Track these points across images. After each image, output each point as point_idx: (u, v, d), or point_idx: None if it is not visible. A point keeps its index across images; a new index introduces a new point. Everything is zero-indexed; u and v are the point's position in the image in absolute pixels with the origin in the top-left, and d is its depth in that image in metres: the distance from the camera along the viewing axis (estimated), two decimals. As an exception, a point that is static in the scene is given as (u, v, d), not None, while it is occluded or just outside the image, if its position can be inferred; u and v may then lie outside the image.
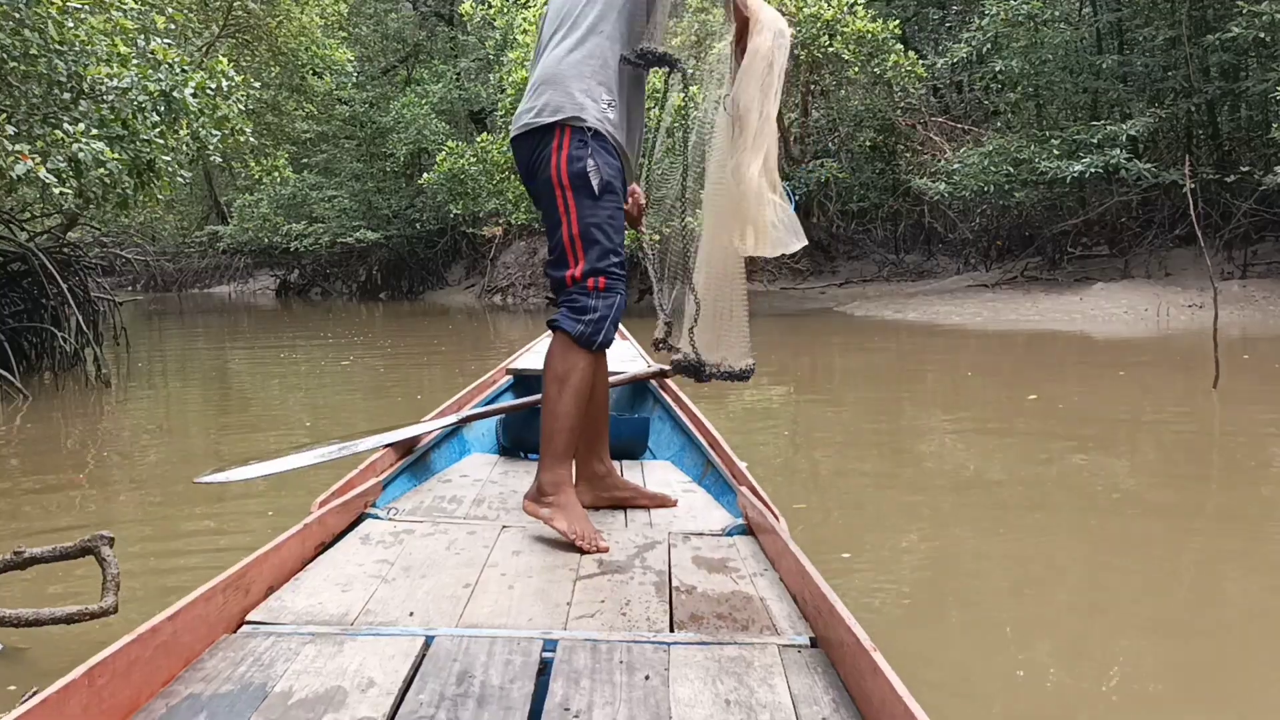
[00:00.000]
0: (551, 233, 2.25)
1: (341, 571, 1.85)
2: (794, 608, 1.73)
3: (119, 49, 6.73)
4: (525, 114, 2.26)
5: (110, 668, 1.26)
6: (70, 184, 6.39)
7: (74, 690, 1.20)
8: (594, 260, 2.19)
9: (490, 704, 1.32)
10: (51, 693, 1.17)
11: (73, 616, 2.29)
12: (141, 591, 2.96)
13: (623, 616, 1.68)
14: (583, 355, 2.20)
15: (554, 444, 2.21)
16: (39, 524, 3.92)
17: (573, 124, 2.18)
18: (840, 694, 1.38)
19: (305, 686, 1.36)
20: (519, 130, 2.27)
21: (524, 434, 3.14)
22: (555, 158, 2.18)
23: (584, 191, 2.18)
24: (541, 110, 2.21)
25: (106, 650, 1.26)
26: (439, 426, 2.92)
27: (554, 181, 2.19)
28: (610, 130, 2.22)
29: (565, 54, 2.24)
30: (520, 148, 2.29)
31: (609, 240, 2.21)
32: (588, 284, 2.19)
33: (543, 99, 2.22)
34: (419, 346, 11.78)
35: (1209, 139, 15.43)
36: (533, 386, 3.60)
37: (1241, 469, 4.69)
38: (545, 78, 2.24)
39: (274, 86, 16.23)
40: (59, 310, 8.49)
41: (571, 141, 2.18)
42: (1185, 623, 2.84)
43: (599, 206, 2.20)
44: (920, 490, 4.35)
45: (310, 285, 26.06)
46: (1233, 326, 10.78)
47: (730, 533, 2.20)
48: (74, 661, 1.26)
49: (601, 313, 2.19)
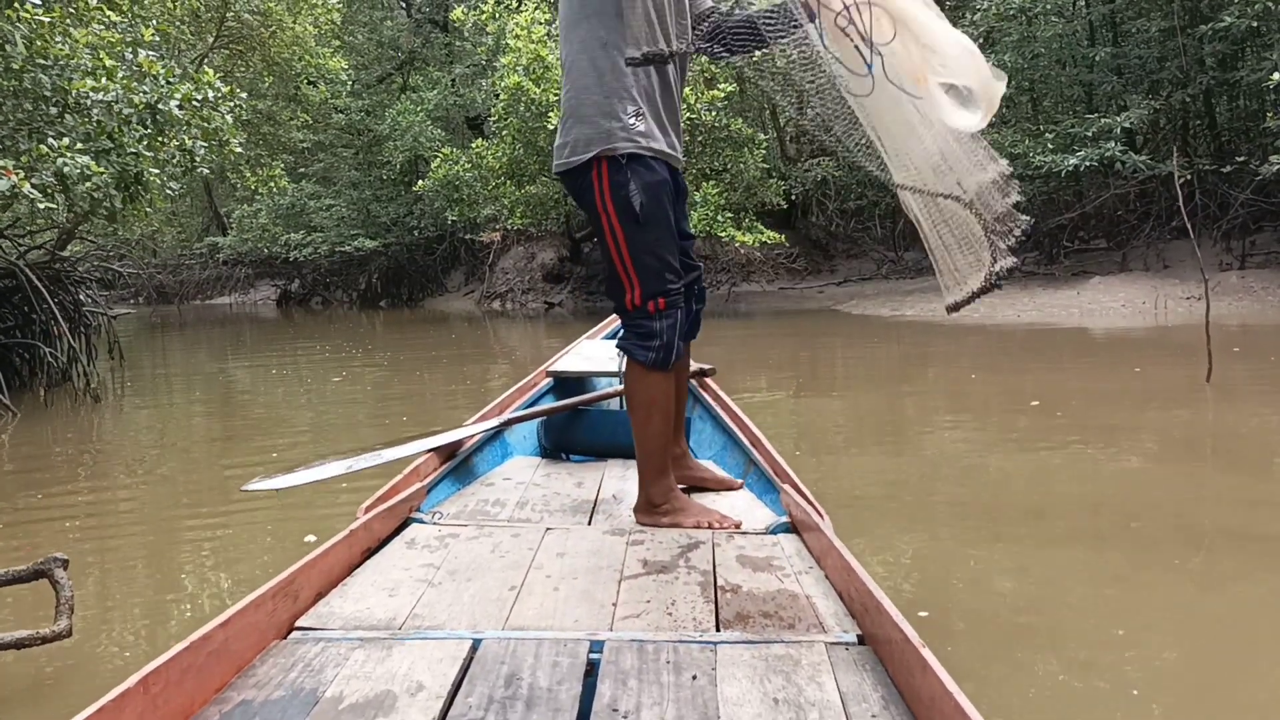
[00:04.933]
0: (604, 257, 2.30)
1: (388, 576, 1.87)
2: (840, 605, 1.72)
3: (104, 62, 6.71)
4: (560, 150, 2.30)
5: (164, 675, 1.28)
6: (57, 199, 6.39)
7: (130, 698, 1.22)
8: (650, 284, 2.24)
9: (539, 706, 1.33)
10: (108, 700, 1.19)
11: (23, 641, 2.25)
12: (94, 613, 2.94)
13: (669, 616, 1.68)
14: (660, 376, 2.27)
15: (653, 462, 2.30)
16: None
17: (605, 156, 2.20)
18: (889, 691, 1.38)
19: (355, 691, 1.38)
20: (557, 170, 2.32)
21: (565, 436, 3.16)
22: (597, 189, 2.22)
23: (629, 218, 2.22)
24: (574, 148, 2.24)
25: (160, 658, 1.28)
26: (481, 430, 2.93)
27: (599, 210, 2.24)
28: (644, 145, 2.23)
29: (574, 78, 2.25)
30: (564, 182, 2.35)
31: (660, 260, 2.25)
32: (648, 308, 2.25)
33: (571, 135, 2.25)
34: (423, 356, 11.77)
35: (1206, 129, 15.37)
36: (572, 388, 3.61)
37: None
38: (568, 111, 2.28)
39: (269, 97, 16.25)
40: (49, 326, 8.49)
41: (610, 171, 2.21)
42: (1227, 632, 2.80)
43: (645, 231, 2.23)
44: (923, 489, 4.32)
45: (311, 295, 26.08)
46: (1231, 317, 10.73)
47: (774, 531, 2.19)
48: (26, 688, 1.25)
49: (667, 335, 2.26)
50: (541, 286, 20.28)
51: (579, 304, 18.97)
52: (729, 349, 10.14)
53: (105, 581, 3.43)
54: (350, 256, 22.72)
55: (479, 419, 3.03)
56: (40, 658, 2.49)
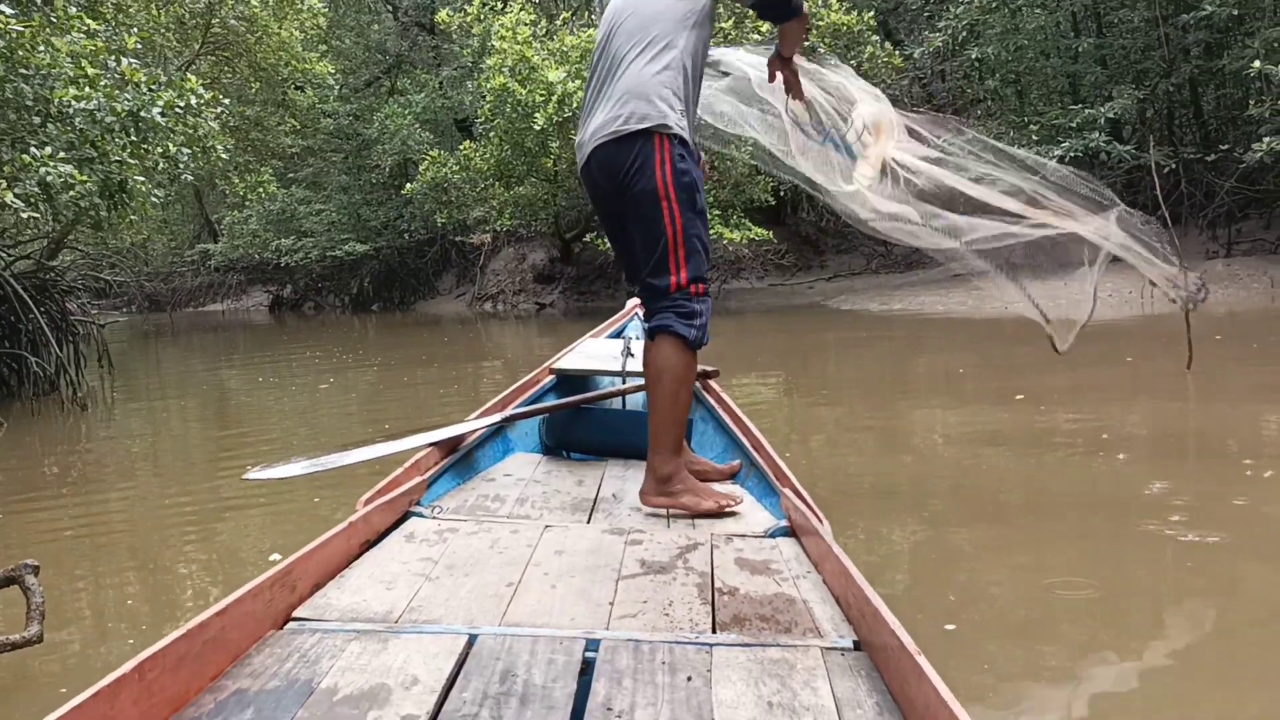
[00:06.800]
0: (651, 241, 2.38)
1: (386, 569, 1.87)
2: (837, 610, 1.72)
3: (86, 70, 6.71)
4: (611, 122, 2.38)
5: (160, 662, 1.29)
6: (41, 208, 6.40)
7: (125, 683, 1.23)
8: (696, 268, 2.37)
9: (533, 703, 1.33)
10: (104, 685, 1.20)
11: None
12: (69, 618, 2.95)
13: (665, 617, 1.68)
14: (693, 355, 2.41)
15: (672, 438, 2.38)
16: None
17: (663, 132, 2.33)
18: (884, 698, 1.37)
19: (350, 683, 1.37)
20: (607, 137, 2.38)
21: (567, 434, 3.18)
22: (661, 170, 2.32)
23: (687, 203, 2.35)
24: (629, 118, 2.35)
25: (156, 645, 1.29)
26: (483, 425, 2.94)
27: (659, 193, 2.32)
28: (690, 137, 2.40)
29: (644, 67, 2.38)
30: (607, 155, 2.40)
31: (705, 246, 2.40)
32: (691, 290, 2.37)
33: (628, 108, 2.36)
34: (415, 359, 11.77)
35: (1191, 118, 15.41)
36: (575, 386, 3.62)
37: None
38: (630, 90, 2.37)
39: (257, 102, 16.23)
40: (36, 336, 8.49)
41: (673, 152, 2.34)
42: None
43: (698, 216, 2.38)
44: (913, 484, 4.35)
45: (303, 300, 26.06)
46: (1218, 305, 10.77)
47: (773, 534, 2.19)
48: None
49: (705, 316, 2.41)
50: (532, 287, 20.29)
51: (570, 304, 18.98)
52: (719, 346, 10.11)
53: (89, 587, 3.45)
54: (341, 261, 22.70)
55: (481, 414, 3.04)
56: (16, 662, 2.50)
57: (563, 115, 13.15)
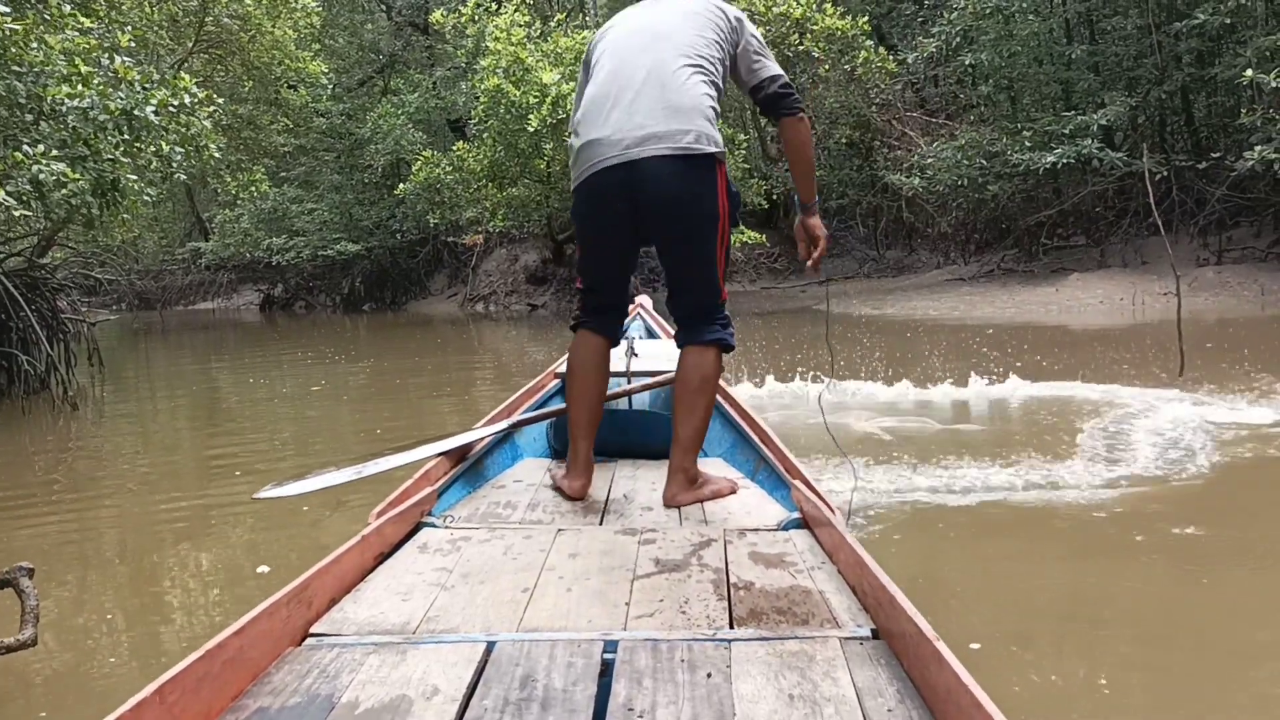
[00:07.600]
0: (704, 262, 2.44)
1: (401, 581, 1.86)
2: (854, 600, 1.72)
3: (79, 68, 6.68)
4: (678, 135, 2.33)
5: (180, 684, 1.28)
6: (33, 206, 6.36)
7: (146, 707, 1.21)
8: (724, 282, 2.51)
9: (554, 707, 1.33)
10: (125, 710, 1.18)
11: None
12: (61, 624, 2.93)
13: (682, 615, 1.68)
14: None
15: (700, 440, 2.48)
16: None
17: (720, 158, 2.39)
18: (905, 685, 1.38)
19: (371, 696, 1.37)
20: (675, 151, 2.32)
21: None
22: (721, 187, 2.39)
23: (732, 225, 2.47)
24: (699, 138, 2.34)
25: (176, 667, 1.28)
26: (491, 433, 2.94)
27: (720, 214, 2.40)
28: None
29: (698, 84, 2.38)
30: (672, 170, 2.34)
31: (729, 263, 2.52)
32: (722, 300, 2.52)
33: (696, 124, 2.34)
34: (407, 360, 11.74)
35: (1183, 126, 15.48)
36: None
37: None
38: (694, 106, 2.35)
39: (250, 101, 16.17)
40: (26, 334, 8.45)
41: (727, 176, 2.42)
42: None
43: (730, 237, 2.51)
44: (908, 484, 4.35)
45: (294, 299, 25.99)
46: (1209, 312, 10.83)
47: (785, 527, 2.20)
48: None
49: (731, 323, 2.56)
50: (525, 288, 20.28)
51: (562, 305, 18.97)
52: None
53: (80, 587, 3.43)
54: (333, 260, 22.64)
55: (488, 421, 3.04)
56: (8, 666, 2.49)
57: (556, 117, 13.14)
